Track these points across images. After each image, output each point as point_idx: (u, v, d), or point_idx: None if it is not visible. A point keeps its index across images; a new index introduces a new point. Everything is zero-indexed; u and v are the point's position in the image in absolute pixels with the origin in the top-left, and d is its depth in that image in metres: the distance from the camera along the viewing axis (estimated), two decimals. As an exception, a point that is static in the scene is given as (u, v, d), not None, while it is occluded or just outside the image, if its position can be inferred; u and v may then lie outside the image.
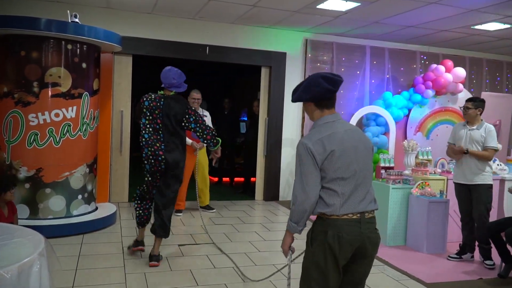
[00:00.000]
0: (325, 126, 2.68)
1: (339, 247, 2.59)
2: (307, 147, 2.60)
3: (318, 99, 2.70)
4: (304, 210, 2.60)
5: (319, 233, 2.64)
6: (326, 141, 2.61)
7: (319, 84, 2.65)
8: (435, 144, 8.78)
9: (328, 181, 2.60)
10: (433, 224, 5.76)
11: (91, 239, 5.65)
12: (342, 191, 2.60)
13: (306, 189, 2.58)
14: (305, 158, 2.60)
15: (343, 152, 2.61)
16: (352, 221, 2.61)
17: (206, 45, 8.00)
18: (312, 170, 2.59)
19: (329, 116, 2.72)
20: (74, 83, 5.87)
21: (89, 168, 6.17)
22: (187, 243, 5.68)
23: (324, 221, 2.63)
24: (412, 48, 9.28)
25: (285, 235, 2.75)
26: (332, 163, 2.59)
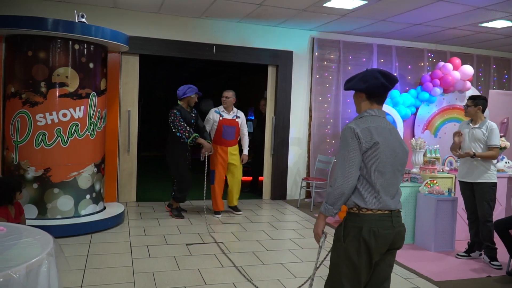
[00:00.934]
0: (372, 118, 2.74)
1: (375, 242, 2.63)
2: (355, 131, 2.64)
3: (371, 92, 2.75)
4: (342, 193, 2.64)
5: (352, 228, 2.67)
6: (373, 131, 2.67)
7: (377, 77, 2.71)
8: (443, 142, 8.72)
9: (367, 171, 2.65)
10: (441, 222, 5.72)
11: (99, 239, 5.65)
12: (378, 185, 2.65)
13: (347, 172, 2.63)
14: (351, 142, 2.64)
15: (386, 147, 2.67)
16: (385, 215, 2.67)
17: (213, 44, 7.98)
18: (356, 155, 2.63)
19: (377, 110, 2.78)
20: (81, 83, 5.88)
21: (97, 168, 6.18)
22: (195, 243, 5.67)
23: (358, 217, 2.67)
24: (420, 46, 9.22)
25: (318, 218, 2.78)
26: (375, 154, 2.64)
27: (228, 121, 6.94)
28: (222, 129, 6.89)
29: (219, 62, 8.81)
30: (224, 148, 6.93)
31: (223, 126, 6.89)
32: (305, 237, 6.13)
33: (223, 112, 6.97)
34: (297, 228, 6.56)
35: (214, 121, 6.91)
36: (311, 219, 7.10)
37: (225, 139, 6.91)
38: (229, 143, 6.95)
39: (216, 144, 6.92)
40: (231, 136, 6.93)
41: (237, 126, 7.00)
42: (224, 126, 6.90)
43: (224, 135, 6.89)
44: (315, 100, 8.62)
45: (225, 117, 6.94)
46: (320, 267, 2.98)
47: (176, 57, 8.02)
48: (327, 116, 8.68)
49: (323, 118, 8.67)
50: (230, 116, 6.99)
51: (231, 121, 6.96)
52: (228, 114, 6.98)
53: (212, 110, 7.00)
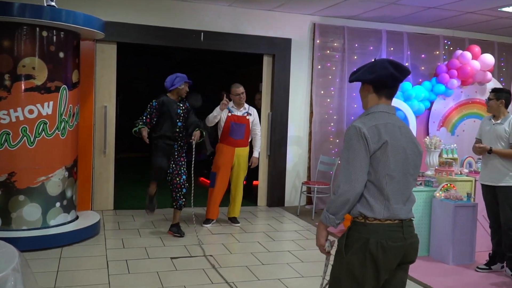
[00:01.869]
0: (380, 115, 2.74)
1: (383, 256, 2.61)
2: (361, 131, 2.64)
3: (379, 84, 2.76)
4: (346, 201, 2.64)
5: (357, 240, 2.67)
6: (382, 129, 2.66)
7: (386, 67, 2.72)
8: (461, 140, 8.75)
9: (376, 176, 2.64)
10: (459, 231, 5.73)
11: (71, 253, 5.62)
12: (387, 191, 2.64)
13: (352, 178, 2.62)
14: (356, 143, 2.63)
15: (396, 148, 2.66)
16: (394, 225, 2.66)
17: (201, 31, 7.98)
18: (362, 157, 2.62)
19: (385, 106, 2.78)
20: (50, 75, 5.84)
21: (68, 171, 6.15)
22: (181, 256, 5.65)
23: (365, 227, 2.66)
24: (435, 32, 9.24)
25: (318, 228, 2.79)
26: (385, 156, 2.63)
27: (237, 117, 6.93)
28: (230, 126, 6.87)
29: (208, 51, 8.79)
30: (230, 149, 6.90)
31: (231, 123, 6.88)
32: (306, 249, 6.14)
33: (233, 107, 6.97)
34: (297, 239, 6.57)
35: (222, 117, 6.90)
36: (313, 229, 7.11)
37: (232, 138, 6.89)
38: (236, 143, 6.92)
39: (222, 143, 6.92)
40: (240, 135, 6.92)
41: (247, 124, 6.98)
42: (232, 123, 6.88)
43: (231, 133, 6.88)
44: (316, 93, 8.63)
45: (234, 113, 6.93)
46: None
47: (158, 45, 8.01)
48: (330, 112, 8.69)
49: (326, 114, 8.68)
50: (241, 112, 6.98)
51: (240, 118, 6.95)
52: (238, 110, 6.97)
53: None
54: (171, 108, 6.38)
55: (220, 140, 6.96)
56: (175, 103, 6.44)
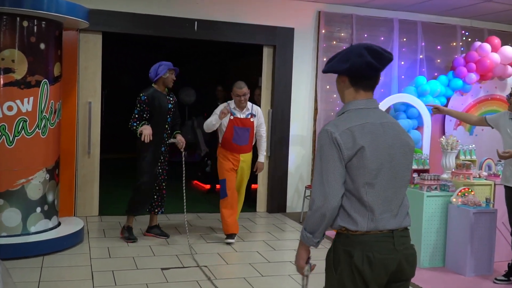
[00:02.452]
0: (357, 113, 2.64)
1: (370, 271, 2.54)
2: (332, 136, 2.54)
3: (355, 74, 2.65)
4: (322, 217, 2.55)
5: (342, 253, 2.60)
6: (357, 132, 2.55)
7: (361, 55, 2.59)
8: (480, 141, 8.81)
9: (354, 185, 2.55)
10: (477, 240, 5.80)
11: (53, 262, 5.68)
12: (370, 201, 2.55)
13: (326, 190, 2.53)
14: (329, 151, 2.55)
15: (375, 150, 2.56)
16: (383, 236, 2.58)
17: (194, 19, 8.01)
18: (336, 166, 2.54)
19: (363, 101, 2.68)
20: (30, 68, 5.91)
21: (49, 174, 6.21)
22: (173, 267, 5.71)
23: (347, 238, 2.59)
24: (451, 22, 9.30)
25: (299, 247, 2.73)
26: (361, 163, 2.53)
27: (241, 121, 6.62)
28: (233, 132, 6.57)
29: (202, 42, 8.84)
30: (235, 155, 6.65)
31: (234, 128, 6.57)
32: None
33: (235, 109, 6.63)
34: (299, 248, 6.59)
35: (223, 121, 6.58)
36: (317, 237, 7.12)
37: (236, 145, 6.61)
38: (241, 149, 6.66)
39: (225, 149, 6.66)
40: (244, 141, 6.65)
41: (252, 128, 6.69)
42: (235, 128, 6.58)
43: (235, 140, 6.58)
44: (321, 89, 8.68)
45: (237, 115, 6.61)
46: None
47: (148, 35, 8.05)
48: (337, 109, 8.74)
49: (332, 111, 8.73)
50: (244, 114, 6.66)
51: (244, 121, 6.64)
52: (241, 112, 6.64)
53: (221, 106, 6.67)
54: (162, 103, 6.43)
55: (222, 145, 6.69)
56: (165, 96, 6.49)
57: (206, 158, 10.50)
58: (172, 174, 7.20)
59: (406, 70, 9.08)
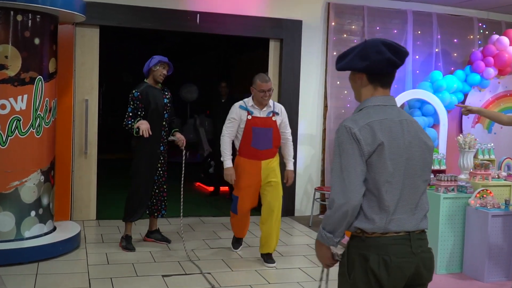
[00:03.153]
0: (375, 109, 2.69)
1: (387, 275, 2.57)
2: (351, 132, 2.59)
3: (374, 71, 2.71)
4: (344, 215, 2.58)
5: (357, 257, 2.64)
6: (377, 127, 2.61)
7: (381, 51, 2.65)
8: (499, 139, 8.82)
9: (374, 183, 2.60)
10: (496, 243, 5.81)
11: (48, 269, 5.71)
12: (388, 200, 2.60)
13: (348, 188, 2.57)
14: (348, 147, 2.59)
15: (394, 148, 2.62)
16: (399, 238, 2.62)
17: (197, 12, 8.03)
18: (357, 163, 2.58)
19: (381, 97, 2.74)
20: (24, 64, 5.94)
21: (44, 175, 6.25)
22: (174, 274, 5.73)
23: (362, 242, 2.63)
24: (468, 14, 9.31)
25: (318, 248, 2.76)
26: (381, 160, 2.59)
27: (261, 120, 6.04)
28: (252, 134, 6.01)
29: (205, 36, 8.87)
30: (254, 164, 6.06)
31: (253, 129, 6.00)
32: (319, 265, 6.17)
33: (253, 107, 6.08)
34: (309, 254, 6.63)
35: (240, 122, 6.05)
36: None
37: (256, 149, 6.03)
38: (262, 155, 6.07)
39: (242, 157, 6.13)
40: (267, 144, 6.07)
41: (275, 128, 6.11)
42: (254, 129, 6.01)
43: (254, 143, 6.02)
44: (331, 84, 8.70)
45: (256, 114, 6.05)
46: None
47: (148, 29, 8.08)
48: (348, 106, 8.77)
49: (343, 109, 8.74)
50: (264, 113, 6.09)
51: (265, 121, 6.06)
52: (260, 110, 6.08)
53: (236, 106, 6.12)
54: (157, 98, 6.40)
55: (239, 152, 6.15)
56: (159, 91, 6.46)
57: (209, 159, 10.52)
58: (173, 175, 7.23)
59: (421, 64, 9.09)
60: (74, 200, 7.75)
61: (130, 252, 6.42)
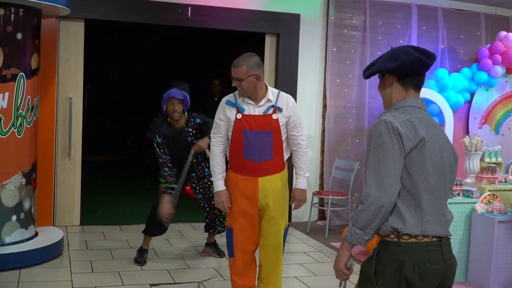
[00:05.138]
0: (412, 109, 2.81)
1: (420, 281, 2.67)
2: (393, 126, 2.68)
3: (405, 72, 2.83)
4: (379, 210, 2.66)
5: (390, 263, 2.71)
6: (418, 125, 2.73)
7: (409, 52, 2.79)
8: (507, 141, 8.90)
9: (411, 180, 2.70)
10: (503, 251, 5.88)
11: (31, 276, 5.76)
12: (425, 199, 2.71)
13: (385, 182, 2.65)
14: (388, 140, 2.68)
15: (433, 148, 2.73)
16: (433, 244, 2.73)
17: (188, 4, 8.06)
18: (396, 157, 2.67)
19: (415, 99, 2.85)
20: (6, 60, 6.00)
21: (26, 178, 6.30)
22: (162, 283, 5.79)
23: (398, 247, 2.71)
24: (475, 9, 9.38)
25: (342, 248, 2.82)
26: (421, 156, 2.70)
27: (255, 120, 4.56)
28: (243, 140, 4.56)
29: (197, 30, 8.92)
30: (248, 181, 4.60)
31: (244, 133, 4.55)
32: (317, 274, 6.26)
33: (244, 102, 4.62)
34: (306, 262, 6.70)
35: (229, 123, 4.62)
36: (326, 250, 7.22)
37: (250, 162, 4.57)
38: (260, 169, 4.59)
39: (233, 172, 4.70)
40: (265, 154, 4.58)
41: (276, 130, 4.58)
42: (246, 133, 4.54)
43: (247, 153, 4.56)
44: (331, 82, 8.75)
45: (248, 112, 4.59)
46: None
47: (135, 23, 8.12)
48: (348, 105, 8.82)
49: (343, 108, 8.79)
50: (261, 109, 4.59)
51: (261, 120, 4.57)
52: (255, 104, 4.60)
53: (223, 101, 4.70)
54: (177, 141, 6.18)
55: (230, 165, 4.74)
56: (181, 131, 6.24)
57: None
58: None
59: (426, 62, 9.13)
60: (57, 205, 7.78)
61: (139, 265, 6.32)
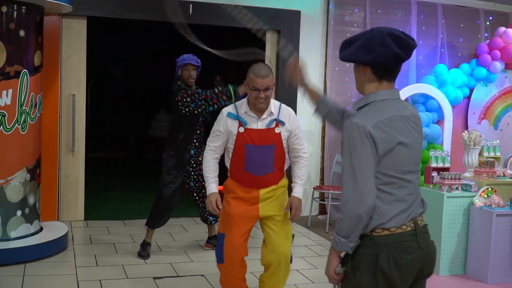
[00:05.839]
0: (384, 104, 2.77)
1: (398, 273, 2.67)
2: (365, 130, 2.63)
3: (379, 65, 2.76)
4: (358, 218, 2.64)
5: (365, 257, 2.72)
6: (391, 125, 2.69)
7: (386, 45, 2.68)
8: (506, 136, 8.96)
9: (383, 182, 2.70)
10: (501, 244, 5.95)
11: (36, 270, 5.84)
12: (401, 195, 2.73)
13: (362, 189, 2.62)
14: (361, 146, 2.63)
15: (408, 143, 2.73)
16: (408, 234, 2.72)
17: (189, 2, 8.14)
18: (370, 163, 2.64)
19: (387, 91, 2.80)
20: (9, 57, 6.06)
21: (30, 174, 6.36)
22: (166, 276, 5.87)
23: (372, 241, 2.72)
24: (474, 5, 9.43)
25: (330, 255, 2.82)
26: (397, 159, 2.69)
27: (258, 134, 4.48)
28: (245, 154, 4.48)
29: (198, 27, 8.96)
30: (249, 192, 4.57)
31: (246, 148, 4.46)
32: (318, 267, 6.31)
33: (246, 114, 4.52)
34: (306, 256, 6.77)
35: (229, 135, 4.54)
36: (327, 244, 7.27)
37: (251, 175, 4.51)
38: (260, 182, 4.55)
39: (234, 180, 4.63)
40: (266, 168, 4.53)
41: (278, 144, 4.52)
42: (248, 148, 4.46)
43: (249, 167, 4.49)
44: (331, 78, 8.82)
45: (251, 125, 4.49)
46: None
47: (138, 20, 8.19)
48: (348, 101, 8.89)
49: (344, 104, 8.84)
50: (263, 123, 4.51)
51: (264, 135, 4.49)
52: (257, 118, 4.50)
53: (224, 113, 4.57)
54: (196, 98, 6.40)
55: (231, 174, 4.67)
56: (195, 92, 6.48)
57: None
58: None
59: (426, 57, 9.20)
60: (61, 200, 7.86)
61: (142, 259, 6.39)
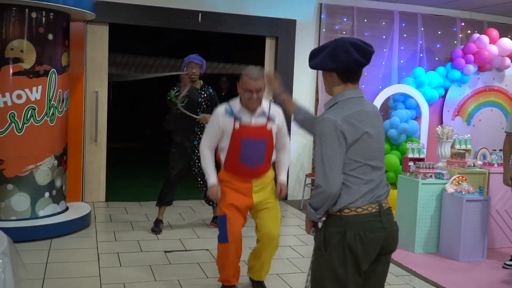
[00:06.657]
0: (351, 102, 2.82)
1: (362, 248, 2.72)
2: (335, 124, 2.69)
3: (343, 71, 2.82)
4: (325, 199, 2.75)
5: (335, 234, 2.77)
6: (357, 118, 2.75)
7: (349, 52, 2.74)
8: (478, 131, 8.94)
9: (353, 168, 2.75)
10: (470, 226, 5.95)
11: (60, 245, 5.88)
12: (368, 179, 2.78)
13: (329, 176, 2.70)
14: (331, 138, 2.70)
15: (373, 134, 2.80)
16: (372, 215, 2.77)
17: (198, 11, 8.14)
18: (338, 153, 2.70)
19: (352, 91, 2.86)
20: (39, 58, 6.08)
21: (57, 160, 6.40)
22: (175, 250, 5.90)
23: (340, 220, 2.77)
24: (451, 14, 9.40)
25: (306, 219, 3.01)
26: (364, 147, 2.76)
27: (253, 130, 4.43)
28: (241, 147, 4.40)
29: (206, 33, 8.97)
30: (243, 182, 4.50)
31: (241, 142, 4.40)
32: (308, 244, 6.33)
33: (241, 111, 4.44)
34: (299, 234, 6.78)
35: (225, 131, 4.44)
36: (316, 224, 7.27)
37: (246, 167, 4.44)
38: (254, 173, 4.51)
39: (228, 172, 4.53)
40: (259, 159, 4.48)
41: (269, 138, 4.51)
42: (244, 141, 4.40)
43: (244, 159, 4.42)
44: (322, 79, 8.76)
45: (246, 121, 4.42)
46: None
47: (153, 26, 8.19)
48: (338, 99, 8.85)
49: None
50: (256, 119, 4.46)
51: (258, 130, 4.45)
52: (251, 114, 4.44)
53: (219, 110, 4.50)
54: (192, 96, 6.45)
55: (225, 167, 4.54)
56: (196, 90, 6.55)
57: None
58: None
59: (406, 61, 9.19)
60: (85, 183, 7.91)
61: (155, 234, 6.48)
